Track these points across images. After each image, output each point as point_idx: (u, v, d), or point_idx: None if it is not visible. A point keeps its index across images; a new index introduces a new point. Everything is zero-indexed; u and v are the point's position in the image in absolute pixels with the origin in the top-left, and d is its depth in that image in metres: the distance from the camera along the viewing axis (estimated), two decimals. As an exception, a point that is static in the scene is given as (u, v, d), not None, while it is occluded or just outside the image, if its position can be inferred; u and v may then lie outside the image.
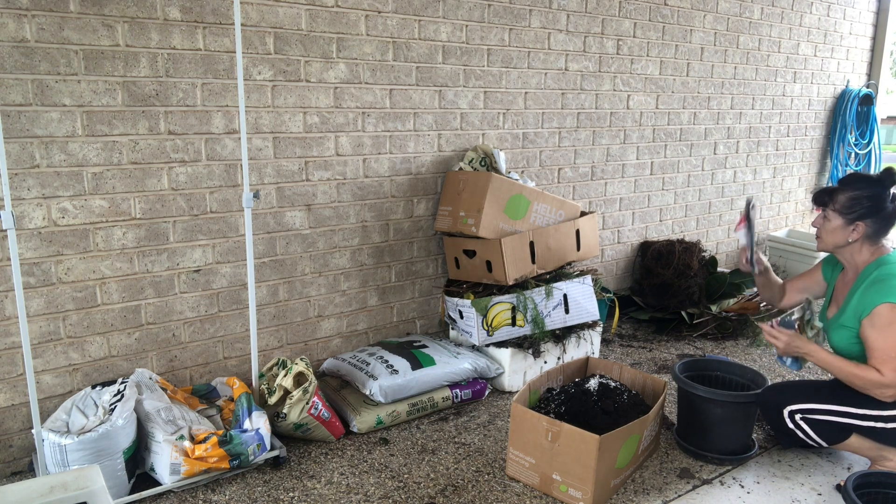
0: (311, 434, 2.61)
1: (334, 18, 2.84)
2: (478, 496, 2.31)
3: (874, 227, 2.29)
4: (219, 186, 2.68)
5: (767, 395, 2.47)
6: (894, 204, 2.29)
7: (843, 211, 2.31)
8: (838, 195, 2.32)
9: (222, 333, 2.82)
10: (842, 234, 2.33)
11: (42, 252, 2.36)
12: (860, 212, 2.28)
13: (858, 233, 2.30)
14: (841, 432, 2.35)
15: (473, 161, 3.28)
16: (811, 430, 2.37)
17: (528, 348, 3.14)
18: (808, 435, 2.38)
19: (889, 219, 2.29)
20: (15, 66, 2.21)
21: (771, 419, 2.46)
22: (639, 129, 4.19)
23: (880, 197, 2.27)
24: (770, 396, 2.45)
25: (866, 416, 2.28)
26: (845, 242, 2.34)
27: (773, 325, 2.39)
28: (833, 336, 2.42)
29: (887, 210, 2.28)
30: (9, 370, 2.38)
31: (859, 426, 2.31)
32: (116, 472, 2.19)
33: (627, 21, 3.93)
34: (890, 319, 2.19)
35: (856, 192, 2.29)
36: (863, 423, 2.29)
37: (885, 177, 2.29)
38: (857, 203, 2.28)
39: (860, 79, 5.74)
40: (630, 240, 4.37)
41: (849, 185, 2.33)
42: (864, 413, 2.28)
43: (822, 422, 2.35)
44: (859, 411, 2.29)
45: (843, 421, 2.32)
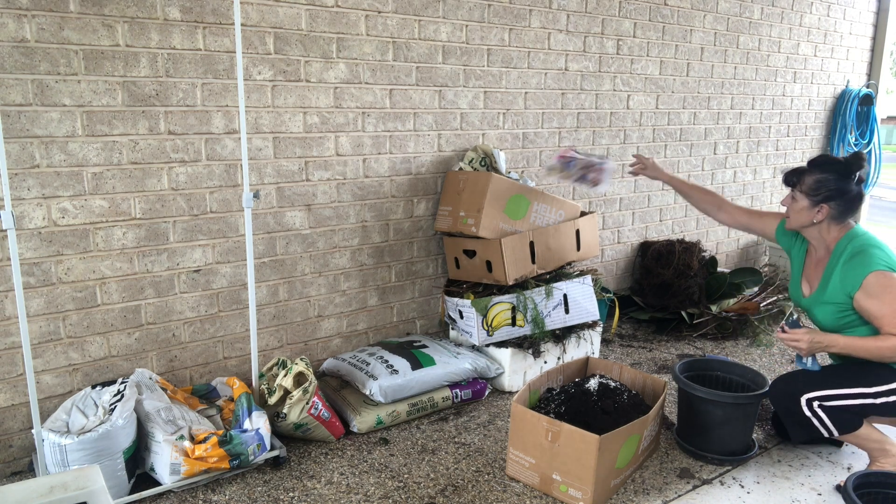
0: (311, 434, 2.61)
1: (334, 18, 2.84)
2: (478, 496, 2.31)
3: (838, 209, 2.35)
4: (219, 186, 2.68)
5: (781, 385, 2.45)
6: (859, 187, 2.36)
7: (810, 193, 2.37)
8: (806, 177, 2.39)
9: (222, 333, 2.82)
10: (807, 214, 2.39)
11: (42, 252, 2.36)
12: (825, 194, 2.34)
13: (823, 214, 2.37)
14: (855, 418, 2.34)
15: (473, 161, 3.28)
16: (828, 417, 2.34)
17: (528, 348, 3.14)
18: (824, 423, 2.35)
19: (853, 201, 2.36)
20: (15, 66, 2.21)
21: (785, 409, 2.42)
22: (639, 129, 4.19)
23: (845, 180, 2.33)
24: (784, 387, 2.43)
25: (879, 394, 2.30)
26: (810, 223, 2.41)
27: (784, 330, 2.39)
28: (817, 313, 2.45)
29: (851, 193, 2.34)
30: (9, 370, 2.38)
31: (874, 405, 2.31)
32: (116, 472, 2.19)
33: (627, 21, 3.93)
34: (883, 285, 2.25)
35: (822, 174, 2.35)
36: (877, 400, 2.30)
37: (852, 160, 2.34)
38: (823, 186, 2.34)
39: (860, 79, 5.74)
40: (630, 240, 4.37)
41: (817, 167, 2.38)
42: (877, 391, 2.30)
43: (838, 408, 2.33)
44: (872, 390, 2.30)
45: (858, 403, 2.31)
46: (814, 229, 2.44)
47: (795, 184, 2.43)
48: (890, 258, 2.31)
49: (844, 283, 2.33)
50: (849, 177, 2.34)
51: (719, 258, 4.89)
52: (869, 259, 2.29)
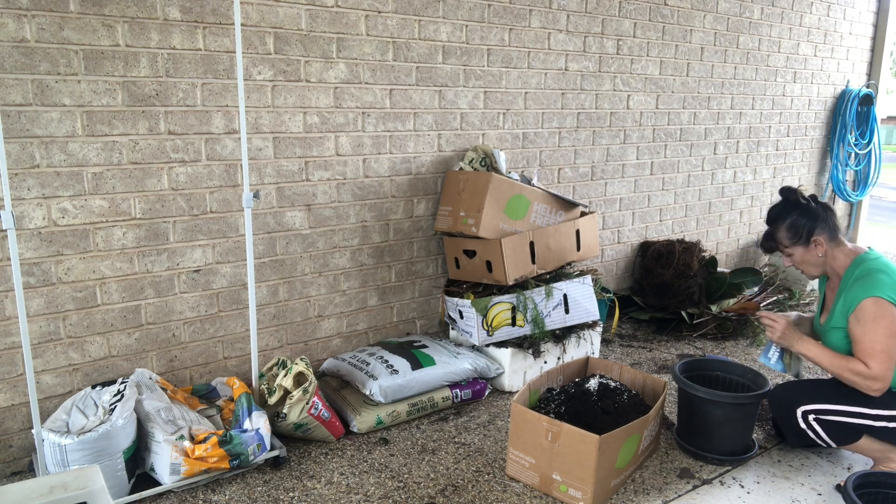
0: (311, 434, 2.61)
1: (334, 18, 2.84)
2: (478, 496, 2.31)
3: (826, 231, 2.37)
4: (219, 186, 2.68)
5: (780, 393, 2.46)
6: (816, 203, 2.39)
7: (794, 240, 2.39)
8: (778, 234, 2.42)
9: (222, 333, 2.82)
10: (811, 255, 2.40)
11: (42, 252, 2.36)
12: (805, 230, 2.37)
13: (822, 245, 2.37)
14: (852, 433, 2.35)
15: (473, 161, 3.28)
16: (823, 431, 2.37)
17: (528, 348, 3.14)
18: (820, 436, 2.38)
19: (826, 216, 2.38)
20: (15, 66, 2.21)
21: (782, 417, 2.45)
22: (639, 129, 4.19)
23: (803, 208, 2.38)
24: (783, 395, 2.44)
25: (879, 417, 2.28)
26: (820, 259, 2.40)
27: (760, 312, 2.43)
28: (828, 339, 2.44)
29: (819, 212, 2.37)
30: (9, 370, 2.38)
31: (872, 426, 2.31)
32: (116, 472, 2.19)
33: (627, 21, 3.94)
34: (874, 313, 2.22)
35: (786, 220, 2.39)
36: (875, 423, 2.29)
37: (787, 194, 2.42)
38: (796, 226, 2.38)
39: (860, 79, 5.74)
40: (630, 240, 4.37)
41: (777, 220, 2.43)
42: (878, 413, 2.28)
43: (834, 423, 2.34)
44: (872, 412, 2.29)
45: (855, 422, 2.32)
46: (826, 262, 2.42)
47: (776, 246, 2.45)
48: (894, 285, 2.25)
49: (846, 306, 2.31)
50: (801, 205, 2.38)
51: (719, 258, 4.89)
52: (871, 284, 2.25)
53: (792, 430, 2.45)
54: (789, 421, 2.42)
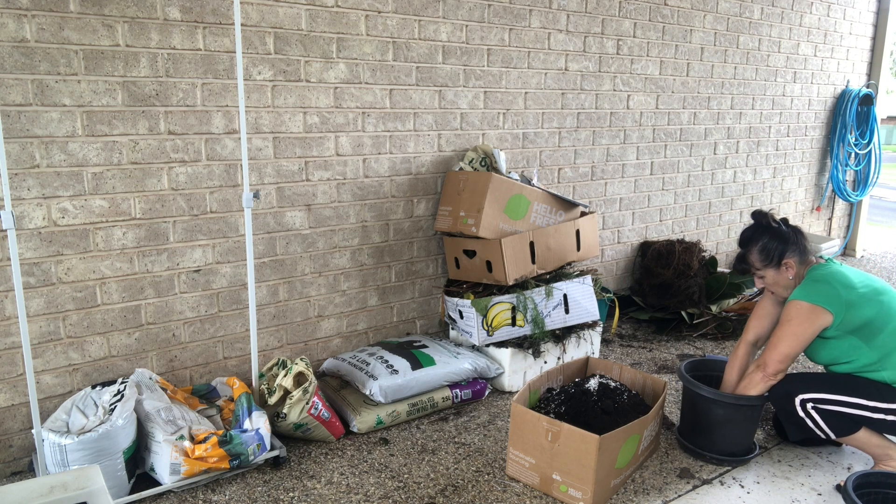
0: (311, 434, 2.61)
1: (334, 18, 2.84)
2: (478, 496, 2.31)
3: (796, 254, 2.42)
4: (219, 186, 2.68)
5: (780, 383, 2.46)
6: (787, 226, 2.45)
7: (765, 263, 2.45)
8: (750, 256, 2.47)
9: (222, 333, 2.82)
10: (783, 278, 2.46)
11: (42, 252, 2.36)
12: (776, 253, 2.43)
13: (792, 268, 2.43)
14: (851, 424, 2.35)
15: (473, 161, 3.28)
16: (822, 420, 2.36)
17: (528, 348, 3.14)
18: (818, 425, 2.37)
19: (797, 239, 2.44)
20: (15, 66, 2.21)
21: (781, 407, 2.45)
22: (639, 129, 4.19)
23: (774, 231, 2.43)
24: (782, 385, 2.44)
25: (877, 409, 2.29)
26: (790, 282, 2.45)
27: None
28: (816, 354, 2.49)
29: (787, 235, 2.43)
30: (9, 370, 2.38)
31: (870, 418, 2.31)
32: (116, 472, 2.19)
33: (627, 21, 3.94)
34: (787, 314, 2.36)
35: (757, 244, 2.45)
36: (874, 415, 2.30)
37: (758, 218, 2.48)
38: (767, 249, 2.44)
39: (860, 79, 5.74)
40: (630, 240, 4.37)
41: (748, 243, 2.48)
42: (876, 405, 2.29)
43: (833, 412, 2.35)
44: (871, 403, 2.30)
45: (854, 412, 2.32)
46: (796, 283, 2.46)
47: (749, 268, 2.50)
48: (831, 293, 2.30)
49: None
50: (772, 228, 2.44)
51: (719, 258, 4.89)
52: (806, 289, 2.35)
53: (791, 420, 2.44)
54: (788, 410, 2.41)
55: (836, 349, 2.38)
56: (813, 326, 2.32)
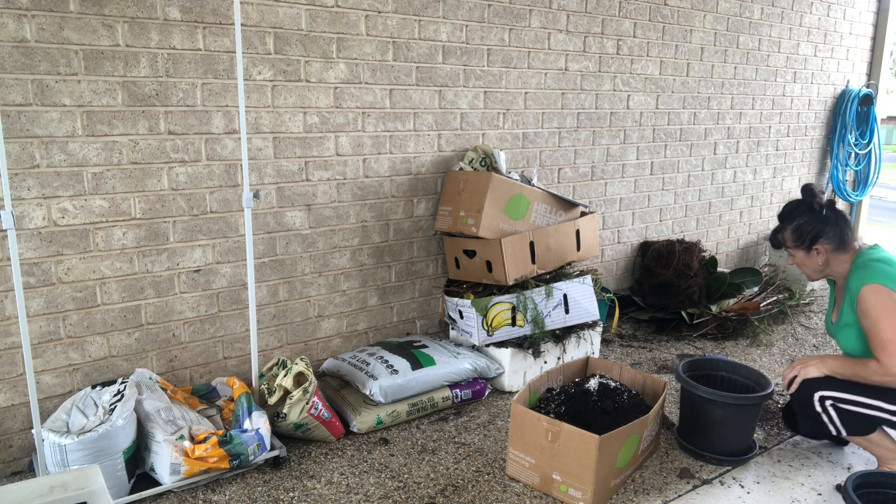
0: (311, 434, 2.61)
1: (334, 18, 2.84)
2: (478, 496, 2.31)
3: (832, 241, 2.33)
4: (219, 186, 2.68)
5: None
6: (832, 210, 2.33)
7: (798, 244, 2.37)
8: (785, 233, 2.40)
9: (222, 333, 2.82)
10: (812, 262, 2.38)
11: (42, 252, 2.36)
12: (810, 237, 2.34)
13: (823, 254, 2.35)
14: (867, 425, 2.31)
15: (473, 161, 3.28)
16: (838, 418, 2.31)
17: (528, 348, 3.14)
18: (833, 422, 2.32)
19: (839, 226, 2.33)
20: (15, 66, 2.21)
21: (798, 399, 2.39)
22: (639, 129, 4.19)
23: (816, 214, 2.33)
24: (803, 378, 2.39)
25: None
26: (819, 266, 2.38)
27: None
28: (840, 339, 2.42)
29: (830, 220, 2.32)
30: (9, 370, 2.38)
31: (890, 421, 2.27)
32: (116, 472, 2.19)
33: (627, 21, 3.94)
34: (872, 301, 2.19)
35: (794, 223, 2.36)
36: (894, 418, 2.26)
37: (806, 194, 2.37)
38: (802, 231, 2.35)
39: (860, 79, 5.74)
40: (630, 240, 4.37)
41: (786, 219, 2.40)
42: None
43: (851, 412, 2.30)
44: (892, 407, 2.25)
45: (873, 414, 2.28)
46: (829, 269, 2.40)
47: (781, 244, 2.43)
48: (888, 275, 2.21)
49: (853, 298, 2.28)
50: (816, 209, 2.34)
51: (719, 258, 4.89)
52: (868, 272, 2.23)
53: (805, 413, 2.37)
54: (804, 403, 2.35)
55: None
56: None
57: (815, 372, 2.33)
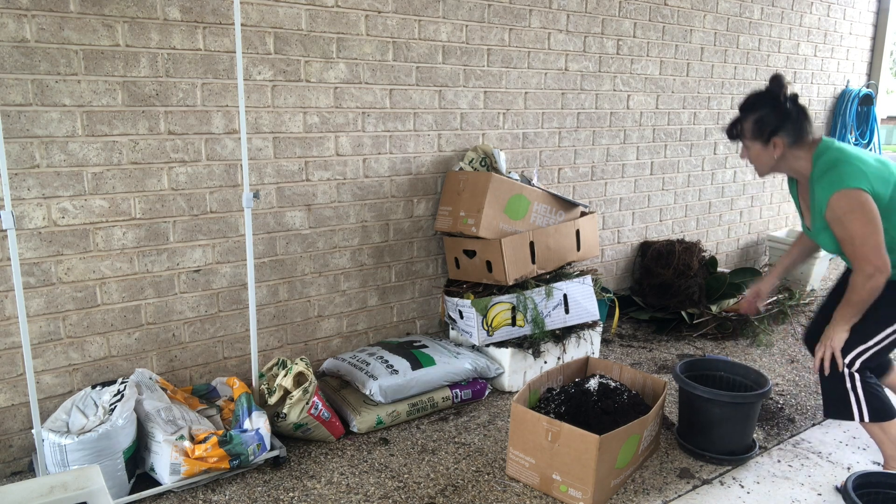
0: (311, 434, 2.61)
1: (334, 18, 2.84)
2: (478, 496, 2.31)
3: (790, 135, 2.25)
4: (219, 186, 2.68)
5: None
6: (794, 105, 2.26)
7: (756, 136, 2.28)
8: (745, 124, 2.30)
9: (222, 333, 2.82)
10: (766, 155, 2.30)
11: (42, 252, 2.36)
12: (769, 129, 2.25)
13: (779, 148, 2.26)
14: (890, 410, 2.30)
15: (473, 161, 3.28)
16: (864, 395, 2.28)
17: (528, 348, 3.14)
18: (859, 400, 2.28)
19: (798, 120, 2.25)
20: (15, 66, 2.21)
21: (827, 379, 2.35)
22: (639, 129, 4.19)
23: (778, 107, 2.25)
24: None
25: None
26: (774, 161, 2.30)
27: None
28: (821, 242, 2.36)
29: (791, 115, 2.24)
30: (9, 370, 2.38)
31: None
32: (116, 472, 2.19)
33: (627, 21, 3.94)
34: (845, 208, 2.14)
35: (756, 113, 2.27)
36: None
37: (773, 86, 2.27)
38: (762, 123, 2.25)
39: (860, 79, 5.74)
40: (630, 240, 4.37)
41: (747, 110, 2.30)
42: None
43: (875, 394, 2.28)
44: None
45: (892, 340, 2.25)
46: (784, 165, 2.33)
47: (739, 135, 2.34)
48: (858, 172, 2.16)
49: (821, 205, 2.22)
50: (779, 103, 2.25)
51: (719, 258, 4.89)
52: (834, 177, 2.16)
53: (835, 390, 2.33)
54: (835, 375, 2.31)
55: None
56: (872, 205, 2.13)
57: (840, 335, 2.27)
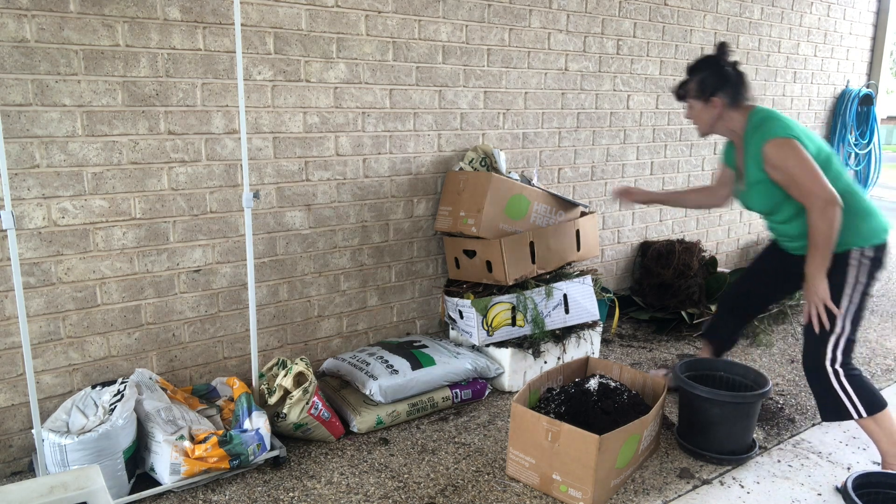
0: (311, 434, 2.61)
1: (334, 18, 2.84)
2: (478, 496, 2.31)
3: (729, 95, 2.47)
4: (219, 186, 2.68)
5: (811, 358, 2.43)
6: (734, 69, 2.49)
7: (698, 95, 2.51)
8: (689, 84, 2.54)
9: (222, 333, 2.82)
10: (707, 114, 2.52)
11: (42, 252, 2.36)
12: (711, 89, 2.47)
13: (718, 106, 2.48)
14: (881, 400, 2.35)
15: (473, 161, 3.28)
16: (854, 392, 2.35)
17: (528, 348, 3.14)
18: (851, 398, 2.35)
19: (737, 83, 2.47)
20: (15, 66, 2.21)
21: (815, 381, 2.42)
22: (639, 129, 4.19)
23: (720, 69, 2.47)
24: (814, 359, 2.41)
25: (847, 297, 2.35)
26: (714, 119, 2.51)
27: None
28: (751, 199, 2.52)
29: (731, 77, 2.47)
30: (9, 370, 2.38)
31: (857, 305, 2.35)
32: (116, 472, 2.19)
33: (627, 21, 3.93)
34: (780, 155, 2.30)
35: (700, 74, 2.50)
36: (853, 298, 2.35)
37: (718, 52, 2.50)
38: (705, 83, 2.48)
39: (860, 79, 5.74)
40: (630, 240, 4.37)
41: (693, 71, 2.54)
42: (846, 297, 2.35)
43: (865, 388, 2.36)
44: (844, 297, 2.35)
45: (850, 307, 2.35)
46: (721, 126, 2.52)
47: (685, 95, 2.56)
48: (786, 125, 2.34)
49: (755, 158, 2.39)
50: (722, 66, 2.47)
51: (719, 258, 4.89)
52: (765, 130, 2.35)
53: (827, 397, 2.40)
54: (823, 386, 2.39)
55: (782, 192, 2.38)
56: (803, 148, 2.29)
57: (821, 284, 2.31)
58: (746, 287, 2.88)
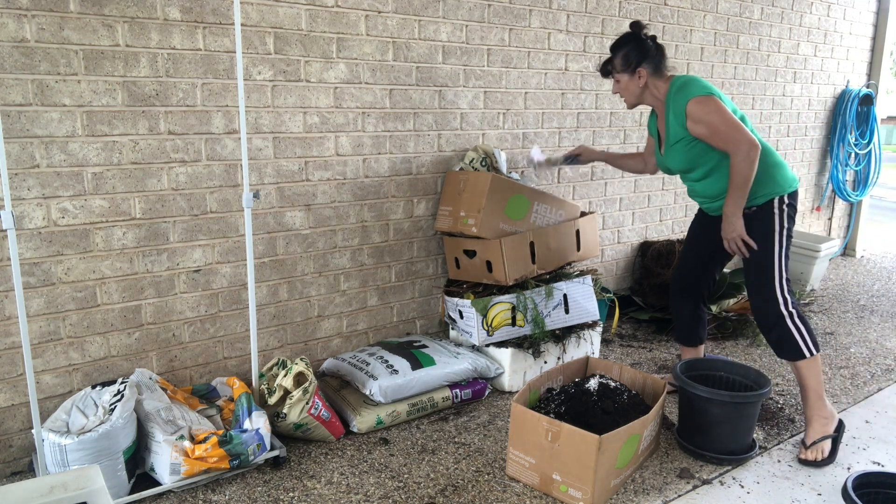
0: (311, 434, 2.61)
1: (334, 18, 2.84)
2: (478, 496, 2.31)
3: (651, 65, 2.65)
4: (219, 186, 2.68)
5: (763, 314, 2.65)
6: (653, 42, 2.67)
7: (623, 68, 2.68)
8: (614, 60, 2.69)
9: (222, 333, 2.82)
10: (633, 85, 2.69)
11: (42, 252, 2.36)
12: (635, 61, 2.65)
13: (643, 76, 2.66)
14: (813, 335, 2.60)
15: (474, 161, 3.28)
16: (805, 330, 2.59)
17: (528, 348, 3.14)
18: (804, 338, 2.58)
19: (657, 54, 2.66)
20: (15, 66, 2.21)
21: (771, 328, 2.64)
22: (639, 129, 4.19)
23: (640, 43, 2.65)
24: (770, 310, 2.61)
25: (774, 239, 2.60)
26: (640, 89, 2.69)
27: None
28: (670, 161, 2.71)
29: (651, 49, 2.65)
30: (9, 370, 2.38)
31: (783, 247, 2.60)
32: (116, 472, 2.20)
33: (627, 21, 3.93)
34: (703, 110, 2.50)
35: (622, 50, 2.67)
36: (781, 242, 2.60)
37: (634, 27, 2.68)
38: (629, 57, 2.66)
39: (860, 79, 5.74)
40: (630, 240, 4.37)
41: (615, 48, 2.70)
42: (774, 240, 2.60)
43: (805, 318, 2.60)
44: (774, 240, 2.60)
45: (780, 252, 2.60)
46: (647, 95, 2.70)
47: (611, 71, 2.72)
48: (705, 86, 2.55)
49: (679, 117, 2.57)
50: (643, 39, 2.65)
51: (719, 258, 4.88)
52: (686, 91, 2.55)
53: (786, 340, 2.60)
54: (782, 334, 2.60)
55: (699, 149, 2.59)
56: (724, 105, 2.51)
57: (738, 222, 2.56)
58: (686, 264, 3.03)
